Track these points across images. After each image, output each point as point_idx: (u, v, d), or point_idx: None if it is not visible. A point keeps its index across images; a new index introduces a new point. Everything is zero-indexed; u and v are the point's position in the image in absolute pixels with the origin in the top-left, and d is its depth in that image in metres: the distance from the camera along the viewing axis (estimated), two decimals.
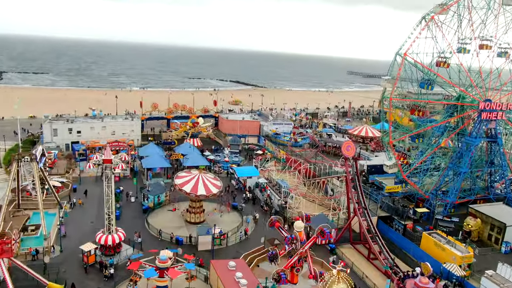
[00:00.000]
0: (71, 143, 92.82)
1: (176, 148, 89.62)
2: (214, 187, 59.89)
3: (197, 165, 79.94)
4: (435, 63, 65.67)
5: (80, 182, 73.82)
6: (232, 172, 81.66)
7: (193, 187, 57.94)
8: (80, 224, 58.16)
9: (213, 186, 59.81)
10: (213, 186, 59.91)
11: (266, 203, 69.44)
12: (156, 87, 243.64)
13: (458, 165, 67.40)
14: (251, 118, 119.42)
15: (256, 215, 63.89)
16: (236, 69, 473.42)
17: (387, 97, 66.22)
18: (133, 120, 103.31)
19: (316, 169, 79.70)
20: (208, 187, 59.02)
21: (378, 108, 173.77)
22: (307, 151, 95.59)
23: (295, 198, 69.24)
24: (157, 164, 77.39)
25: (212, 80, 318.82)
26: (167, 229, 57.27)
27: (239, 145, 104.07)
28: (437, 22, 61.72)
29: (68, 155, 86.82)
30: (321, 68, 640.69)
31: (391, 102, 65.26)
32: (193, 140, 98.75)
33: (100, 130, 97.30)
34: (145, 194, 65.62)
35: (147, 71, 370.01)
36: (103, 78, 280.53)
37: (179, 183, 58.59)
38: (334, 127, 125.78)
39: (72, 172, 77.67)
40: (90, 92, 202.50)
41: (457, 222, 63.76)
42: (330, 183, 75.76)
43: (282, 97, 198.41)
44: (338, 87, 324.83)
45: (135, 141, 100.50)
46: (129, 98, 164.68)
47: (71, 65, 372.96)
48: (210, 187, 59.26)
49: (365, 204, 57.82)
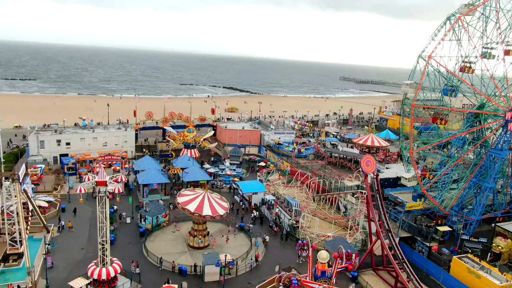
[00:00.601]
0: (59, 156, 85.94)
1: (173, 161, 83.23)
2: (220, 208, 53.78)
3: (198, 180, 73.89)
4: (458, 68, 60.39)
5: (70, 200, 66.94)
6: (236, 187, 75.56)
7: (197, 207, 51.78)
8: (69, 251, 51.49)
9: (219, 207, 53.70)
10: (220, 207, 53.80)
11: (276, 222, 63.35)
12: (148, 94, 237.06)
13: (482, 179, 62.23)
14: (251, 126, 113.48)
15: (265, 238, 57.75)
16: (229, 75, 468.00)
17: (408, 104, 60.53)
18: (126, 130, 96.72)
19: (326, 183, 73.83)
20: (214, 207, 52.90)
21: (378, 115, 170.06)
22: (313, 163, 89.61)
23: (307, 217, 63.21)
24: (154, 179, 70.94)
25: (205, 87, 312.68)
26: (168, 256, 50.92)
27: (239, 156, 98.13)
28: (463, 24, 56.59)
29: (56, 169, 79.85)
30: (314, 74, 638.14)
31: (413, 109, 59.53)
32: (191, 151, 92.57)
33: (91, 141, 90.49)
34: (142, 215, 59.14)
35: (139, 77, 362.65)
36: (93, 85, 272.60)
37: (182, 201, 52.37)
38: (337, 136, 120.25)
39: (60, 189, 70.87)
40: (80, 99, 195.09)
41: (485, 242, 58.42)
42: (342, 199, 70.04)
43: (279, 104, 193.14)
44: (332, 93, 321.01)
45: (128, 152, 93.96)
46: (121, 105, 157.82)
47: (61, 71, 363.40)
48: (217, 207, 53.13)
49: (389, 225, 52.18)
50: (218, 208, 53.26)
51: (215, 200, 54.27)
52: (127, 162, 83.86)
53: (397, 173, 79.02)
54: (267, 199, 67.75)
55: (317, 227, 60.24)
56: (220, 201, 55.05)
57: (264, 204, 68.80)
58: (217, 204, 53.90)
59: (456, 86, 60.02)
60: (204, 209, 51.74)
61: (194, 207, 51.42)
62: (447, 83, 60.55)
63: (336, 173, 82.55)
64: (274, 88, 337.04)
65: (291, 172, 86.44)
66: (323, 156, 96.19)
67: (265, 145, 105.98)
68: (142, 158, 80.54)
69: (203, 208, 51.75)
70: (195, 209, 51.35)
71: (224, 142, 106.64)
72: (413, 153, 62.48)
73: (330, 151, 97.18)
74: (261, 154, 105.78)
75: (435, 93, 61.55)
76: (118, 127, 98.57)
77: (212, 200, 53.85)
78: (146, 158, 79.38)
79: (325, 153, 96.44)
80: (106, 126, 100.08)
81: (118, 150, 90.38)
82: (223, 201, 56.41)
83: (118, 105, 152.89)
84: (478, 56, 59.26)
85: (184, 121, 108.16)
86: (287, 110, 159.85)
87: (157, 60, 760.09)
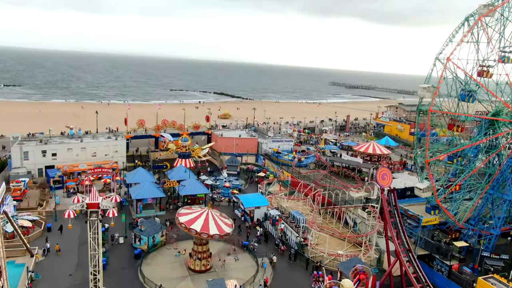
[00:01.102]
0: (45, 168, 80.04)
1: (168, 173, 78.01)
2: (225, 225, 49.14)
3: (196, 193, 68.85)
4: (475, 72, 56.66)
5: (56, 218, 61.26)
6: (236, 200, 70.72)
7: (203, 226, 46.96)
8: (55, 279, 46.02)
9: (224, 224, 49.06)
10: (225, 224, 49.16)
11: (282, 240, 58.59)
12: (138, 100, 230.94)
13: (500, 191, 58.51)
14: (248, 134, 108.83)
15: (273, 258, 52.96)
16: (219, 80, 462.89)
17: (424, 109, 56.49)
18: (117, 139, 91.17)
19: (333, 195, 69.37)
20: (220, 225, 48.25)
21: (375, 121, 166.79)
22: (315, 173, 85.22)
23: (315, 233, 58.50)
24: (149, 193, 65.69)
25: (195, 92, 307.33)
26: (167, 282, 45.80)
27: (237, 166, 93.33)
28: (483, 25, 52.99)
29: (41, 183, 73.93)
30: (304, 79, 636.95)
31: (429, 114, 55.50)
32: (185, 161, 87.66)
33: (79, 152, 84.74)
34: (136, 234, 53.88)
35: (128, 83, 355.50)
36: (81, 91, 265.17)
37: (185, 221, 47.36)
38: (336, 143, 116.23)
39: (46, 205, 65.13)
40: (67, 106, 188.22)
41: (507, 259, 54.57)
42: (350, 213, 65.65)
43: (272, 110, 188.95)
44: (324, 99, 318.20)
45: (119, 163, 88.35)
46: (110, 112, 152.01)
47: (47, 77, 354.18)
48: (222, 225, 48.47)
49: (409, 244, 47.92)
50: (223, 225, 48.56)
51: (218, 217, 49.57)
52: (118, 174, 78.32)
53: (405, 184, 74.97)
54: (271, 214, 62.98)
55: (327, 245, 55.58)
56: (223, 217, 50.38)
57: (268, 219, 64.04)
58: (221, 222, 49.23)
59: (474, 91, 56.38)
60: (211, 228, 47.02)
61: (200, 227, 46.57)
62: (463, 87, 56.87)
63: (341, 184, 78.25)
64: (265, 94, 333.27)
65: (293, 183, 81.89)
66: (325, 165, 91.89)
67: (263, 153, 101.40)
68: (134, 170, 75.14)
69: (209, 226, 47.01)
70: (201, 229, 46.49)
71: (219, 151, 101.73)
72: (428, 161, 58.33)
73: (332, 160, 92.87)
74: (259, 163, 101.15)
75: (451, 98, 57.78)
76: (108, 136, 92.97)
77: (216, 217, 49.11)
78: (139, 170, 74.03)
79: (326, 162, 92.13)
80: (95, 135, 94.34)
81: (108, 161, 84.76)
82: (225, 218, 51.77)
83: (106, 112, 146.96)
84: (497, 60, 55.73)
85: (178, 129, 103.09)
86: (282, 116, 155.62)
87: (145, 65, 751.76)
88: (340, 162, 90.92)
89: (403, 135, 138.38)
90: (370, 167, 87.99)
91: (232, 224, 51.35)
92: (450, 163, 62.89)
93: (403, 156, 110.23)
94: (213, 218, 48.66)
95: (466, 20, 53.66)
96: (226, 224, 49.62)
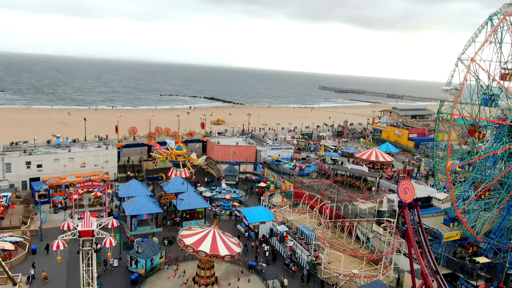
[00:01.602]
0: (29, 181, 74.06)
1: (164, 185, 72.68)
2: (234, 245, 44.59)
3: (195, 208, 63.72)
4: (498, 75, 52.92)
5: (42, 238, 55.50)
6: (238, 214, 65.80)
7: (212, 247, 42.13)
8: None
9: (233, 244, 44.51)
10: (234, 244, 44.60)
11: (291, 259, 53.79)
12: (128, 105, 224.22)
13: None
14: (246, 142, 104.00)
15: (284, 280, 48.13)
16: (209, 85, 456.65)
17: (446, 113, 52.37)
18: (107, 148, 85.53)
19: (341, 207, 64.88)
20: (229, 245, 43.63)
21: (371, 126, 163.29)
22: (319, 183, 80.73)
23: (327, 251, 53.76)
24: (144, 209, 60.29)
25: (185, 97, 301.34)
26: None
27: (235, 176, 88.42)
28: (508, 24, 49.34)
29: (26, 198, 67.83)
30: (293, 83, 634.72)
31: (452, 118, 51.41)
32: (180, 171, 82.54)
33: (67, 163, 78.93)
34: (133, 257, 48.55)
35: (116, 88, 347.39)
36: (67, 96, 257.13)
37: (192, 243, 42.34)
38: (336, 150, 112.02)
39: (30, 223, 59.22)
40: (53, 112, 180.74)
41: None
42: (362, 227, 61.19)
43: (266, 115, 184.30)
44: (316, 103, 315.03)
45: (110, 174, 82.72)
46: (98, 118, 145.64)
47: (32, 82, 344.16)
48: (231, 245, 43.96)
49: (436, 266, 43.59)
50: (232, 245, 43.93)
51: (225, 235, 44.91)
52: (110, 186, 72.78)
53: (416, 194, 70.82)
54: (278, 230, 58.08)
55: (343, 265, 50.92)
56: (228, 236, 45.73)
57: (274, 236, 59.20)
58: (228, 240, 44.52)
59: (496, 95, 52.65)
60: (220, 248, 42.32)
61: (209, 248, 41.71)
62: (485, 91, 53.10)
63: (348, 194, 73.91)
64: (257, 98, 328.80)
65: (296, 194, 77.23)
66: (328, 174, 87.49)
67: (262, 162, 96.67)
68: (128, 183, 69.68)
69: (218, 247, 42.26)
70: (210, 250, 41.57)
71: (216, 159, 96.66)
72: (449, 170, 54.21)
73: (336, 169, 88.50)
74: (258, 172, 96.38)
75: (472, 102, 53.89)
76: (97, 145, 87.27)
77: (223, 236, 44.42)
78: (132, 182, 68.57)
79: (330, 171, 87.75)
80: (84, 144, 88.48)
81: (98, 172, 78.96)
82: (230, 236, 47.12)
83: (94, 118, 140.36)
84: None
85: (172, 136, 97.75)
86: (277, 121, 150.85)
87: (133, 70, 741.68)
88: (344, 171, 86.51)
89: (401, 141, 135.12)
90: (376, 176, 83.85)
91: (240, 243, 46.63)
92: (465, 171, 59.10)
93: (405, 162, 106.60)
94: (220, 238, 43.89)
95: (490, 20, 50.01)
96: (234, 243, 44.91)
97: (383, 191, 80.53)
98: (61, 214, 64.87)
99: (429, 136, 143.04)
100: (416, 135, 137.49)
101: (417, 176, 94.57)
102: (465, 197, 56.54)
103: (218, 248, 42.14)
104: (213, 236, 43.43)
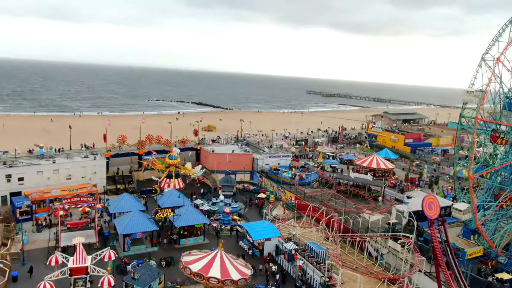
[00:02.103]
0: (9, 196, 67.94)
1: (158, 198, 67.36)
2: (243, 267, 40.28)
3: (194, 224, 58.63)
4: None
5: (24, 262, 49.67)
6: (240, 230, 60.91)
7: (222, 272, 37.65)
8: None
9: (242, 266, 40.18)
10: (241, 266, 40.37)
11: (302, 280, 49.15)
12: (114, 111, 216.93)
13: None
14: (241, 149, 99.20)
15: None
16: (196, 90, 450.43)
17: (469, 117, 48.68)
18: (95, 158, 79.79)
19: (350, 221, 60.54)
20: (238, 268, 39.34)
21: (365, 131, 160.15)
22: (322, 193, 76.40)
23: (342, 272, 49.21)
24: (139, 226, 54.91)
25: (173, 102, 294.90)
26: None
27: (233, 186, 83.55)
28: None
29: (6, 216, 61.59)
30: (280, 88, 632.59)
31: (476, 122, 47.71)
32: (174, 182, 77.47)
33: (51, 175, 73.01)
34: (128, 284, 43.22)
35: (102, 93, 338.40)
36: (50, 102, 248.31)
37: (200, 269, 37.65)
38: (335, 157, 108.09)
39: (11, 245, 53.21)
40: (34, 119, 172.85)
41: None
42: (373, 242, 56.92)
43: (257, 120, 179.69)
44: (306, 108, 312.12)
45: (99, 186, 76.97)
46: (83, 125, 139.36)
47: (14, 88, 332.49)
48: (240, 267, 39.69)
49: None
50: (241, 267, 39.83)
51: (232, 258, 40.35)
52: (99, 201, 67.12)
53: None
54: (286, 247, 53.35)
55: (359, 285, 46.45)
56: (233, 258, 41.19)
57: (281, 253, 54.49)
58: (237, 264, 39.97)
59: None
60: (231, 272, 38.12)
61: (219, 273, 37.07)
62: (507, 94, 49.68)
63: (355, 206, 69.73)
64: (246, 104, 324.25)
65: (299, 205, 72.71)
66: (330, 183, 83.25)
67: (259, 170, 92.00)
68: (119, 197, 64.15)
69: (229, 271, 37.92)
70: (222, 275, 36.95)
71: (211, 168, 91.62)
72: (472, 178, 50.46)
73: (338, 177, 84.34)
74: (255, 181, 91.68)
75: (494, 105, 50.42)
76: (84, 155, 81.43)
77: (231, 259, 39.84)
78: (124, 196, 63.08)
79: (332, 180, 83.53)
80: (70, 154, 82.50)
81: (86, 184, 73.19)
82: (235, 257, 42.57)
83: (79, 125, 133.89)
84: None
85: (164, 144, 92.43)
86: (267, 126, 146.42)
87: (119, 75, 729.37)
88: (347, 180, 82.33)
89: (397, 146, 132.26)
90: (381, 185, 79.95)
91: (248, 265, 42.09)
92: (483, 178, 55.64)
93: (405, 169, 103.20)
94: (228, 261, 39.39)
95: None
96: (243, 266, 40.54)
97: (388, 201, 76.78)
98: (45, 233, 58.97)
99: (425, 141, 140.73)
100: (412, 140, 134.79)
101: (420, 183, 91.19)
102: (486, 207, 52.98)
103: (229, 272, 37.82)
104: (221, 260, 38.85)
